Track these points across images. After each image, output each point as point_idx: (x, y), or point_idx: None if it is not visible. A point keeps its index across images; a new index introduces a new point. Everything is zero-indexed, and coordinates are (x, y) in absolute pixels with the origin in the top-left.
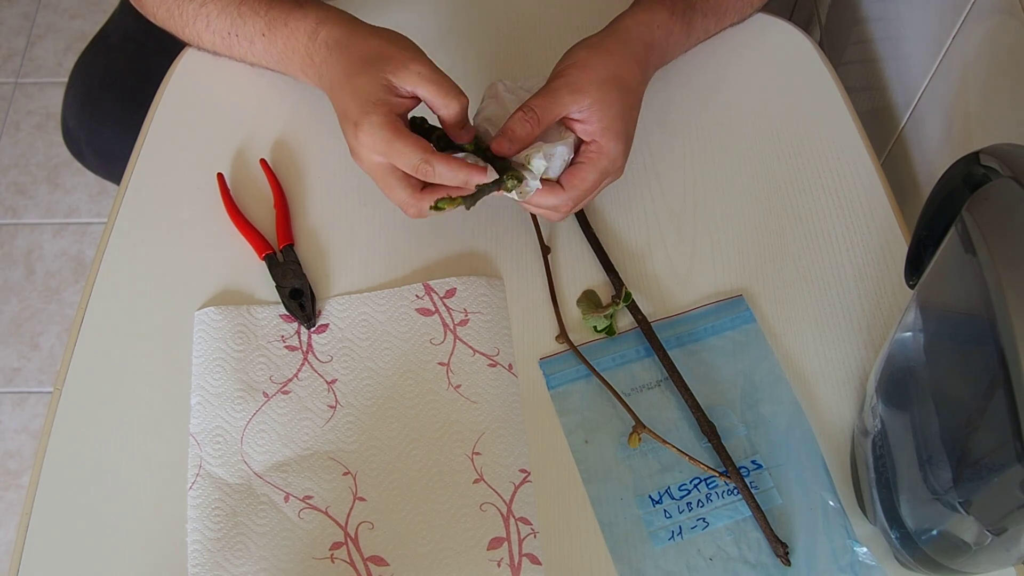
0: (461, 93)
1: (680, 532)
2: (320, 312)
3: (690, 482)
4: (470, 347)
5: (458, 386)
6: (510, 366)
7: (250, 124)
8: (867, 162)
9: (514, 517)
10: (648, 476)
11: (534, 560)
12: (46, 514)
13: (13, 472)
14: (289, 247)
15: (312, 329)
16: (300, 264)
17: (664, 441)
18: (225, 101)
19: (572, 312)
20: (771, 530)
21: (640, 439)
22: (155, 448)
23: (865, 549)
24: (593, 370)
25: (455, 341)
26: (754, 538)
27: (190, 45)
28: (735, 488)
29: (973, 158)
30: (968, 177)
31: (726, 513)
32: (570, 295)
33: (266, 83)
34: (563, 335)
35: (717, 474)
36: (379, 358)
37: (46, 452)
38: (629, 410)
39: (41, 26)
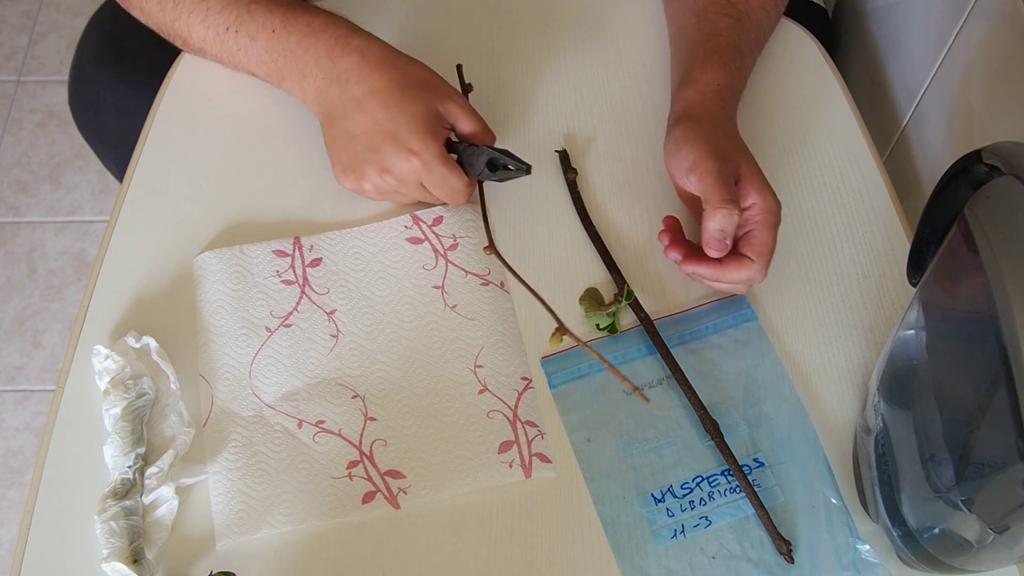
0: (490, 130)
1: (683, 530)
2: (312, 247)
3: (692, 480)
4: (462, 269)
5: (454, 306)
6: (502, 283)
7: (253, 119)
8: (869, 160)
9: (520, 421)
10: (650, 474)
11: (544, 459)
12: (48, 512)
13: (15, 470)
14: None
15: (310, 264)
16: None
17: (583, 343)
18: (227, 97)
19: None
20: (774, 528)
21: (562, 340)
22: None
23: (868, 547)
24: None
25: (447, 265)
26: (757, 536)
27: (173, 42)
28: (737, 486)
29: (975, 156)
30: (970, 175)
31: (728, 511)
32: (572, 294)
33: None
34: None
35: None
36: (375, 287)
37: (48, 450)
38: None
39: (43, 24)
